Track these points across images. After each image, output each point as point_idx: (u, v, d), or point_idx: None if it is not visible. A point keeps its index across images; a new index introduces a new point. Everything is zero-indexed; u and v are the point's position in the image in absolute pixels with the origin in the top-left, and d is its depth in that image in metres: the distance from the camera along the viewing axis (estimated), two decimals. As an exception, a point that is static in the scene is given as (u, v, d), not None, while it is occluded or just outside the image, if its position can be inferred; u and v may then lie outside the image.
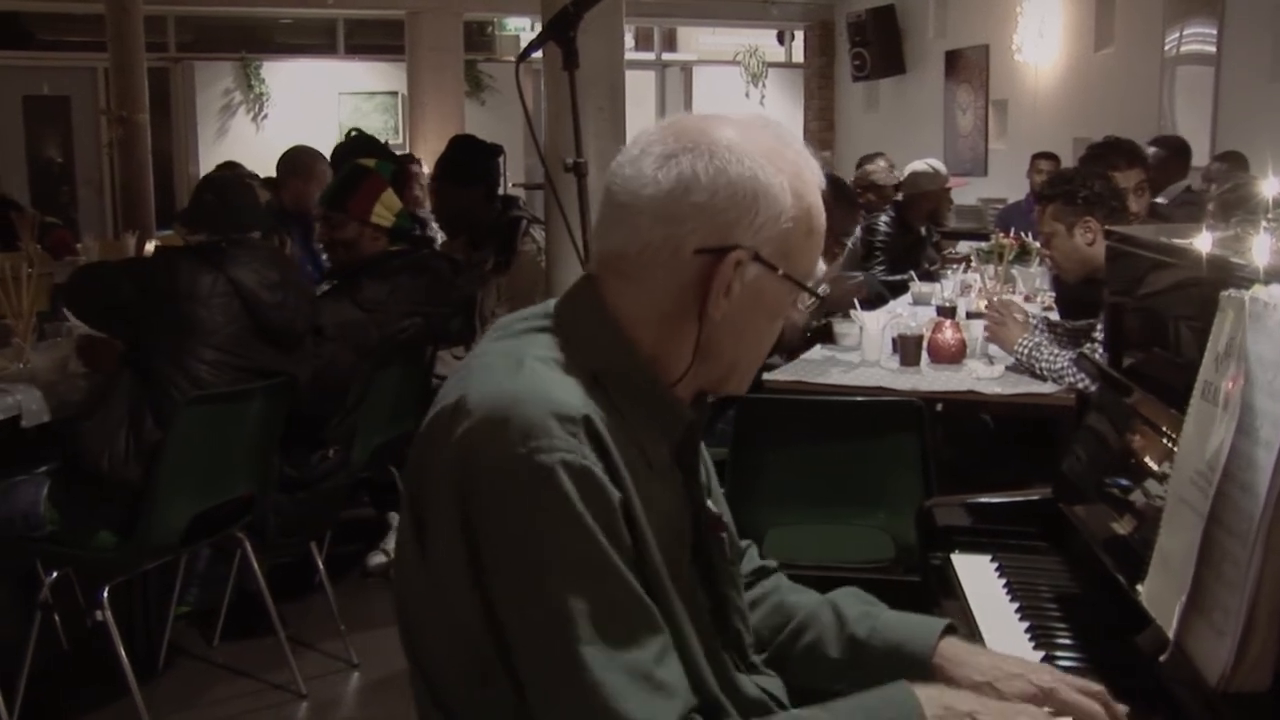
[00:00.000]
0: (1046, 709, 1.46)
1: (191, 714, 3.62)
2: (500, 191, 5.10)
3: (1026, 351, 3.71)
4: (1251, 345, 1.44)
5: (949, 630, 1.62)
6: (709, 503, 1.55)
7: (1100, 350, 2.93)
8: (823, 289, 1.50)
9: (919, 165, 6.85)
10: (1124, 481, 1.96)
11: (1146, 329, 2.19)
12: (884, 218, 6.76)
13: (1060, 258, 3.85)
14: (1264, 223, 1.90)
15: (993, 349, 4.03)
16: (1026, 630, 1.88)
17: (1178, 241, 2.03)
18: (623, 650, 1.25)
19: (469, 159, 4.82)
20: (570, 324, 1.41)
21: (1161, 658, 1.47)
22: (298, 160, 5.67)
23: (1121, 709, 1.48)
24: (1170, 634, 1.48)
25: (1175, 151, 6.55)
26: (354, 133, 4.95)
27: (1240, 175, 5.56)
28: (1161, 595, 1.55)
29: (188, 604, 4.12)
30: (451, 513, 1.29)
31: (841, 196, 4.59)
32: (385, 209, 4.04)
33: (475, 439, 1.28)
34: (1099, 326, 3.30)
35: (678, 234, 1.37)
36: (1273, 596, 1.35)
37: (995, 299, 4.41)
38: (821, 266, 1.50)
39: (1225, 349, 1.51)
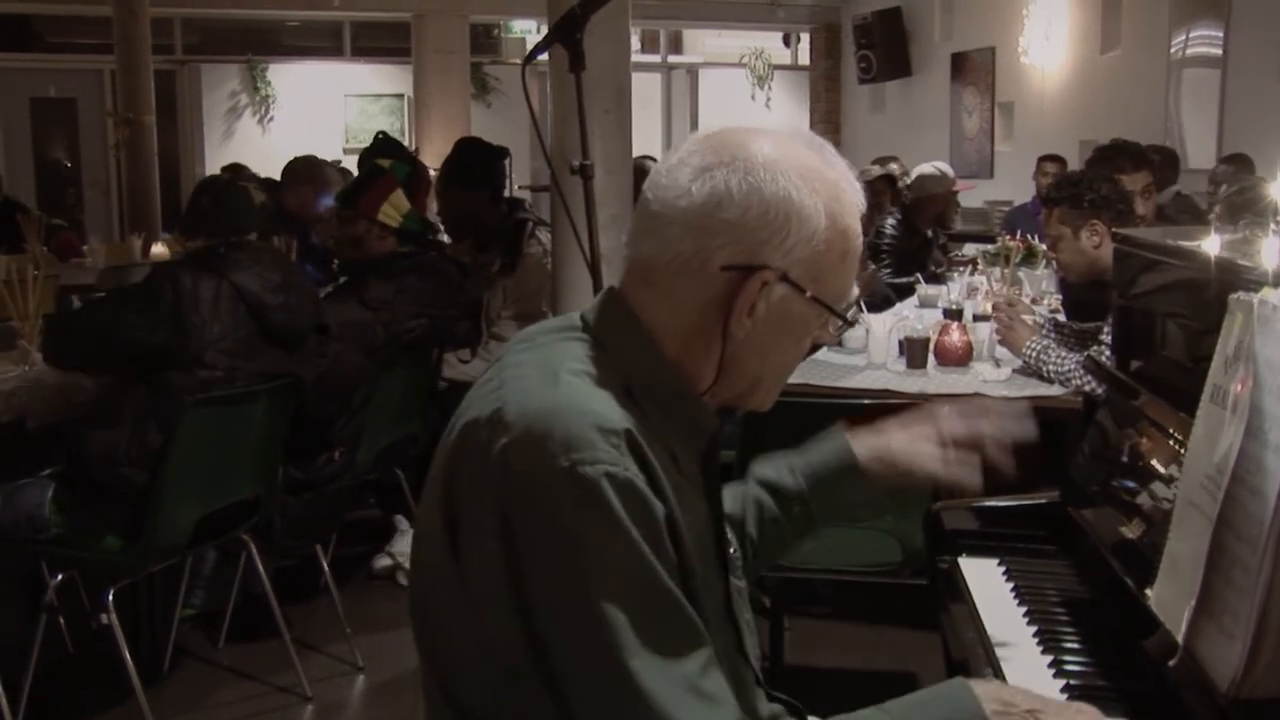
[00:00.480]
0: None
1: (196, 716, 3.61)
2: (506, 194, 5.10)
3: (1035, 354, 3.70)
4: (1260, 348, 1.44)
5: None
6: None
7: (1107, 353, 2.91)
8: (852, 313, 1.47)
9: (926, 168, 6.85)
10: (1132, 485, 1.96)
11: (1154, 332, 2.18)
12: (890, 220, 6.75)
13: (1067, 260, 3.84)
14: (1272, 225, 1.90)
15: (999, 351, 4.02)
16: (1034, 635, 1.87)
17: (1185, 244, 2.02)
18: (670, 662, 1.24)
19: (474, 161, 4.82)
20: (601, 334, 1.40)
21: (1171, 662, 1.46)
22: (302, 168, 5.73)
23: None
24: (1179, 639, 1.48)
25: (1164, 160, 6.57)
26: (381, 135, 4.98)
27: (1247, 178, 5.54)
28: (1171, 600, 1.55)
29: (193, 606, 4.11)
30: (490, 524, 1.27)
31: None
32: (393, 209, 4.05)
33: (516, 452, 1.26)
34: (1106, 329, 3.29)
35: (707, 248, 1.36)
36: (1283, 601, 1.34)
37: (1003, 301, 4.39)
38: (855, 290, 1.47)
39: (1234, 352, 1.50)
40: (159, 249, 7.27)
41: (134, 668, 3.25)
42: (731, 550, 1.57)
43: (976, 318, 4.47)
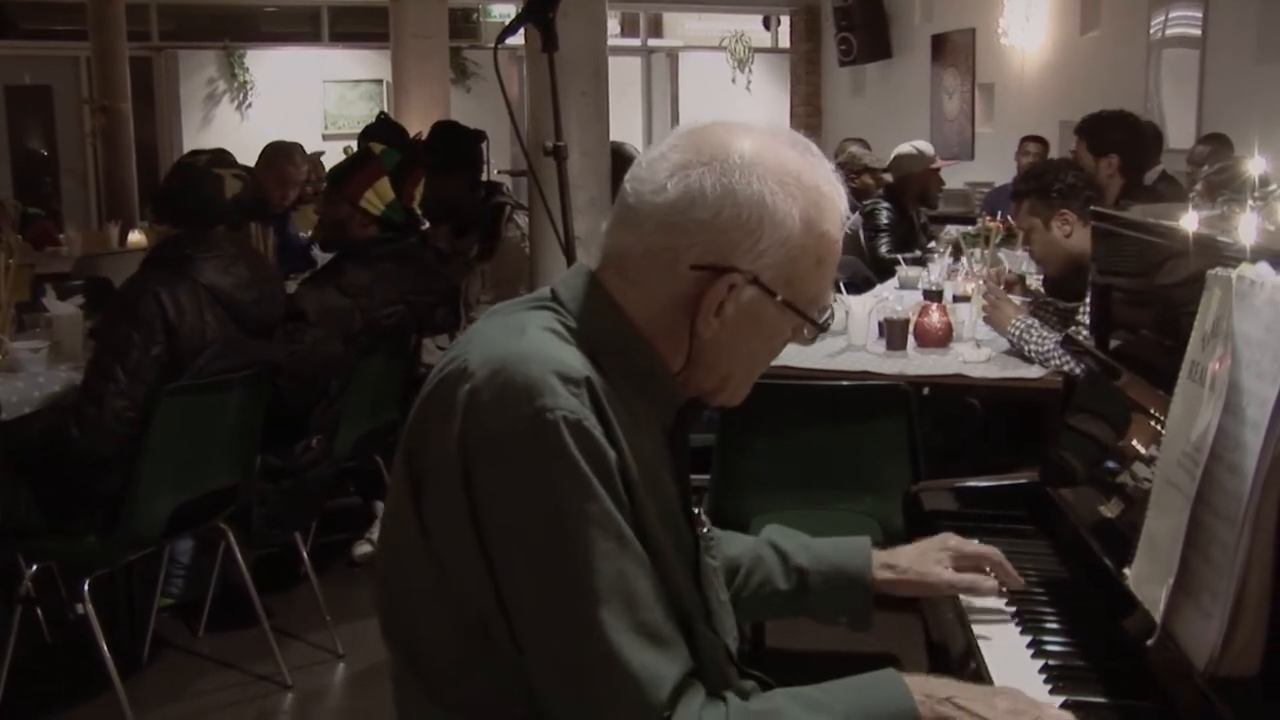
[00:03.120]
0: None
1: (176, 706, 3.60)
2: (484, 178, 5.07)
3: (1018, 333, 3.69)
4: (1238, 324, 1.42)
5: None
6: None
7: (1086, 332, 2.91)
8: (825, 319, 1.46)
9: (904, 147, 6.82)
10: (1111, 464, 1.95)
11: (1133, 310, 2.17)
12: (884, 204, 6.73)
13: (1040, 252, 3.87)
14: (1250, 202, 1.89)
15: (980, 332, 4.02)
16: (1013, 615, 1.86)
17: (1164, 221, 2.01)
18: (627, 603, 1.28)
19: (452, 146, 4.79)
20: (571, 304, 1.41)
21: (1149, 642, 1.45)
22: (274, 156, 5.67)
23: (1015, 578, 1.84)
24: (1157, 618, 1.47)
25: (1155, 135, 6.54)
26: (382, 116, 4.93)
27: (1226, 156, 5.55)
28: (1149, 579, 1.54)
29: (172, 596, 4.09)
30: (453, 470, 1.30)
31: None
32: (376, 196, 4.01)
33: (479, 399, 1.29)
34: (1084, 308, 3.29)
35: (678, 246, 1.36)
36: (1260, 579, 1.33)
37: (988, 281, 4.38)
38: (829, 296, 1.46)
39: (1212, 328, 1.49)
40: (136, 237, 7.21)
41: (111, 658, 3.23)
42: (705, 530, 1.57)
43: (956, 299, 4.46)
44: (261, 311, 3.47)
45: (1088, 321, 2.63)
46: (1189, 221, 1.92)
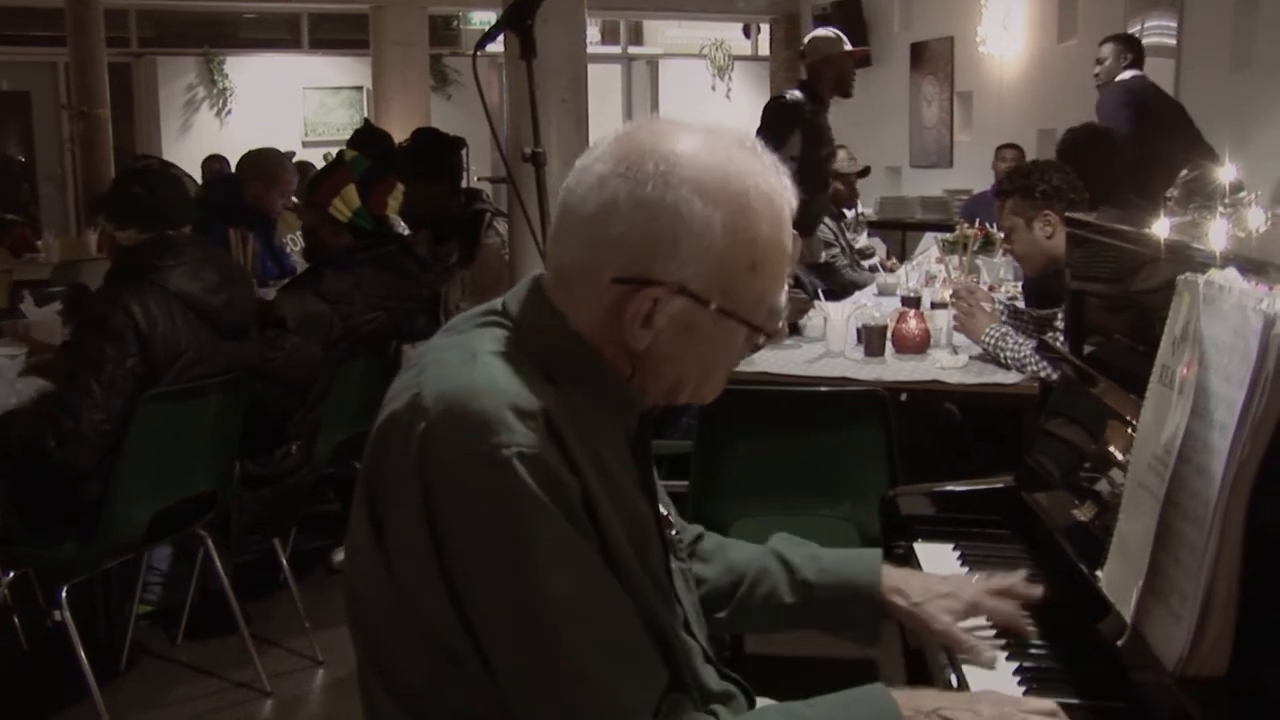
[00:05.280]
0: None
1: (154, 714, 3.58)
2: (464, 185, 5.07)
3: (993, 341, 3.71)
4: (1206, 329, 1.44)
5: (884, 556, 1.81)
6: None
7: (1062, 339, 2.94)
8: (771, 324, 1.41)
9: (819, 30, 6.47)
10: (1085, 468, 1.97)
11: (1107, 315, 2.19)
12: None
13: (1021, 252, 3.87)
14: (1220, 208, 1.91)
15: (958, 339, 4.03)
16: (989, 620, 1.87)
17: (1136, 228, 2.03)
18: (601, 630, 1.28)
19: (431, 153, 4.79)
20: (521, 319, 1.40)
21: (1119, 643, 1.47)
22: (261, 164, 5.66)
23: (1035, 589, 1.76)
24: (1128, 620, 1.48)
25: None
26: (365, 123, 4.92)
27: (1201, 163, 5.59)
28: (1120, 581, 1.55)
29: (151, 603, 4.08)
30: (414, 511, 1.28)
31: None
32: (343, 204, 4.01)
33: (435, 437, 1.27)
34: (1061, 315, 3.31)
35: (598, 260, 1.34)
36: (1228, 580, 1.35)
37: (963, 289, 4.40)
38: (781, 299, 1.42)
39: (1181, 333, 1.51)
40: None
41: (88, 666, 3.21)
42: (674, 532, 1.58)
43: (934, 305, 4.48)
44: (233, 314, 3.47)
45: (1064, 327, 2.65)
46: (1160, 228, 1.95)
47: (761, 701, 1.58)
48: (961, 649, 1.68)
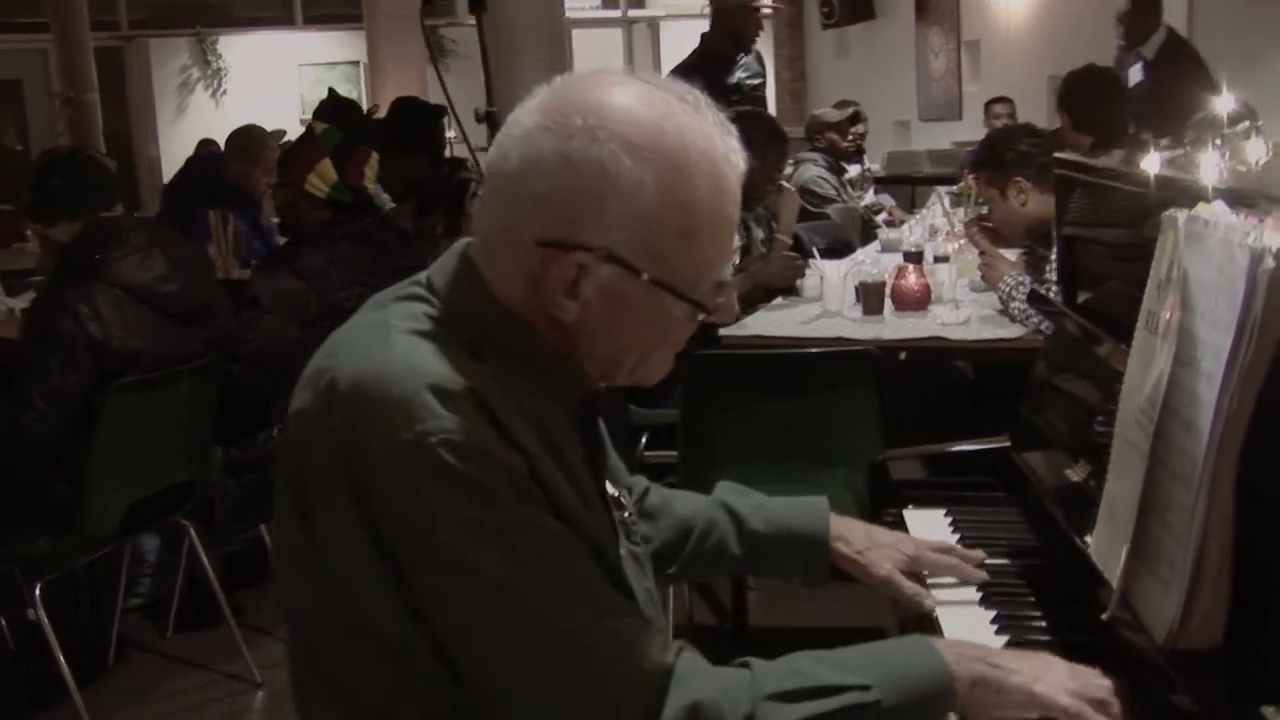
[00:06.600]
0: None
1: (144, 709, 3.51)
2: (448, 154, 4.95)
3: (1007, 290, 3.59)
4: (1191, 268, 1.31)
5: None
6: (608, 485, 1.43)
7: (1055, 288, 2.81)
8: (713, 300, 1.28)
9: None
10: (1077, 425, 1.84)
11: (1099, 261, 2.06)
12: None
13: (999, 221, 3.81)
14: (1214, 139, 1.77)
15: (960, 293, 3.92)
16: (977, 589, 1.75)
17: (1123, 164, 1.90)
18: (586, 598, 1.19)
19: (410, 123, 4.66)
20: (444, 292, 1.29)
21: (1104, 616, 1.34)
22: (244, 141, 5.55)
23: (976, 554, 1.76)
24: (1115, 588, 1.36)
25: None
26: (330, 93, 4.76)
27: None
28: (1109, 547, 1.43)
29: (139, 596, 4.01)
30: (346, 507, 1.18)
31: (770, 133, 4.37)
32: (319, 178, 3.87)
33: (355, 430, 1.17)
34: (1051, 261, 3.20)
35: (520, 221, 1.23)
36: (1220, 546, 1.22)
37: (974, 235, 4.26)
38: (726, 272, 1.29)
39: (1166, 274, 1.38)
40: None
41: (73, 662, 3.15)
42: (628, 514, 1.47)
43: (937, 259, 4.34)
44: (188, 299, 3.35)
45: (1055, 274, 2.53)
46: (1150, 163, 1.81)
47: None
48: (901, 595, 1.68)
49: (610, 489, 1.44)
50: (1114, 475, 1.46)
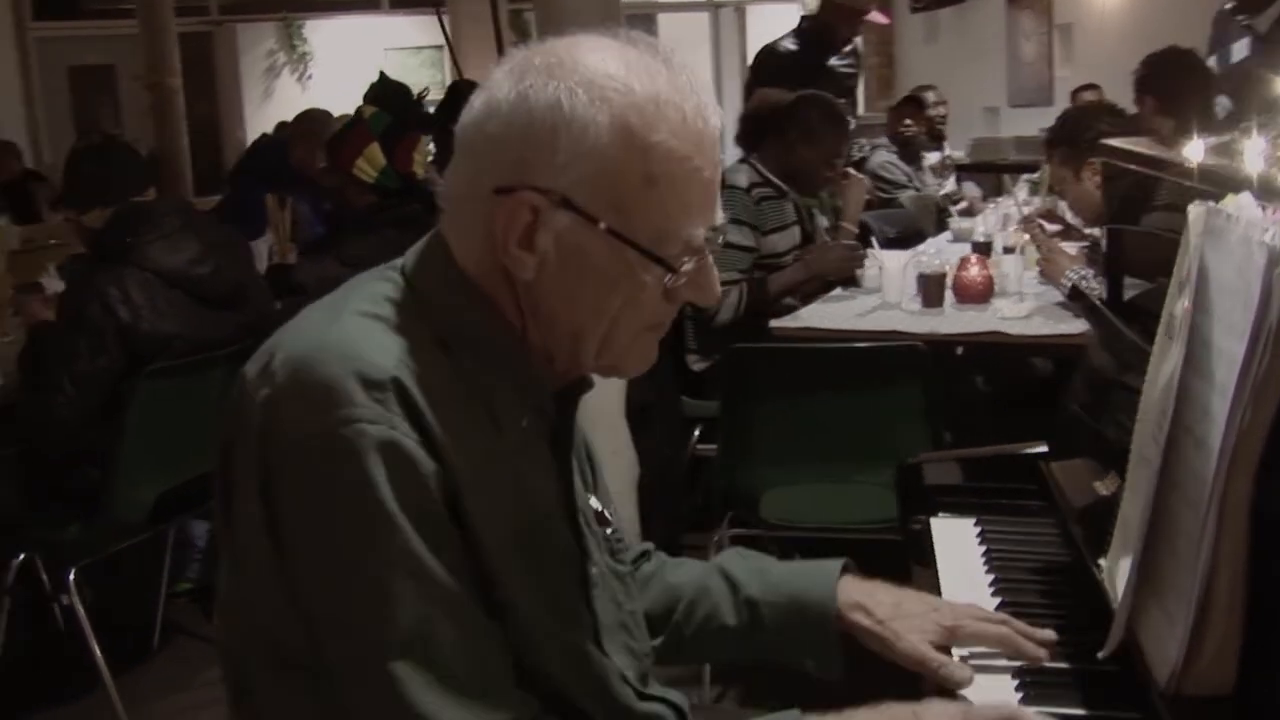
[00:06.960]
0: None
1: (185, 695, 3.47)
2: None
3: (1074, 281, 3.43)
4: (1211, 266, 1.17)
5: (846, 569, 1.50)
6: (592, 499, 1.35)
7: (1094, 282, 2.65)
8: (683, 263, 1.18)
9: None
10: (1110, 432, 1.70)
11: (1142, 255, 1.92)
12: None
13: (1073, 203, 3.66)
14: (1257, 125, 1.62)
15: (1027, 284, 3.75)
16: (997, 609, 1.62)
17: (1168, 152, 1.75)
18: (431, 654, 1.08)
19: (460, 105, 4.58)
20: (415, 275, 1.22)
21: (1100, 654, 1.21)
22: (307, 125, 5.53)
23: (1045, 634, 1.42)
24: (1122, 620, 1.23)
25: None
26: (380, 76, 4.71)
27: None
28: (1122, 573, 1.30)
29: (189, 581, 3.99)
30: (253, 489, 1.12)
31: (828, 117, 4.15)
32: (367, 164, 3.80)
33: (275, 407, 1.11)
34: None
35: (477, 167, 1.17)
36: (1230, 578, 1.09)
37: (1035, 232, 4.10)
38: (698, 235, 1.18)
39: (1186, 273, 1.24)
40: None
41: (110, 647, 3.13)
42: (610, 530, 1.37)
43: (1006, 250, 4.17)
44: (222, 283, 3.31)
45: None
46: (1194, 150, 1.66)
47: None
48: (929, 669, 1.37)
49: (594, 503, 1.36)
50: (1128, 494, 1.33)
